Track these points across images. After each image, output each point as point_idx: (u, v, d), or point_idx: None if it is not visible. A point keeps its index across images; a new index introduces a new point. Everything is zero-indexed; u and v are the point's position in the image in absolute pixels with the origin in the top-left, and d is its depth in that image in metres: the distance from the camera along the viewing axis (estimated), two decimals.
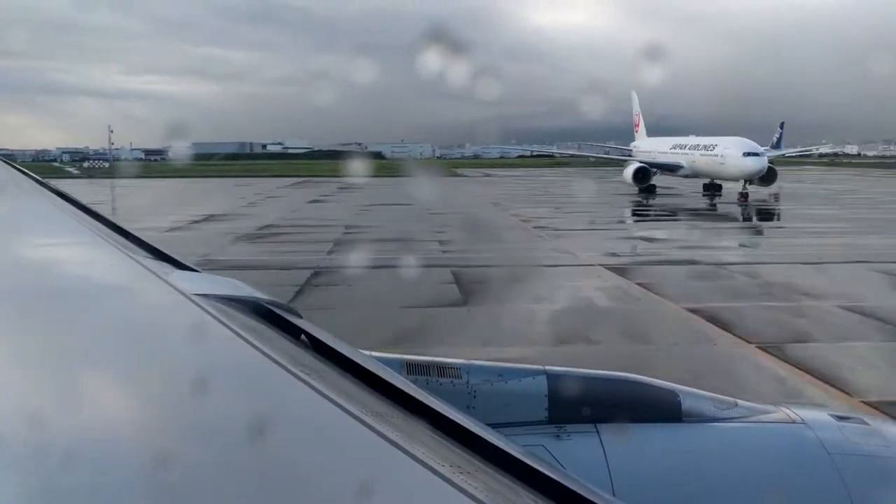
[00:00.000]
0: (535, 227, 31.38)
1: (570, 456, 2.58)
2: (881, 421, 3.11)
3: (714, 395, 3.04)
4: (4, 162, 6.47)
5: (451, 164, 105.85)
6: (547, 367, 2.92)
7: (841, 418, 2.99)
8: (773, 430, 2.92)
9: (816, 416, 3.01)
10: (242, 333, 1.63)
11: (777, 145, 70.88)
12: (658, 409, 2.85)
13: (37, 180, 5.12)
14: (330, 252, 23.77)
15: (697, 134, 51.08)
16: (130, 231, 3.20)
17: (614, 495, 2.36)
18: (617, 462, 2.60)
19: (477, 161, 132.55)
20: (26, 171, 5.75)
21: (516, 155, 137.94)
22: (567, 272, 20.41)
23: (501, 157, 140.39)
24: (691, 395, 2.93)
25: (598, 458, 2.62)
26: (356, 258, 21.20)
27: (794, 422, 2.91)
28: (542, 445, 2.64)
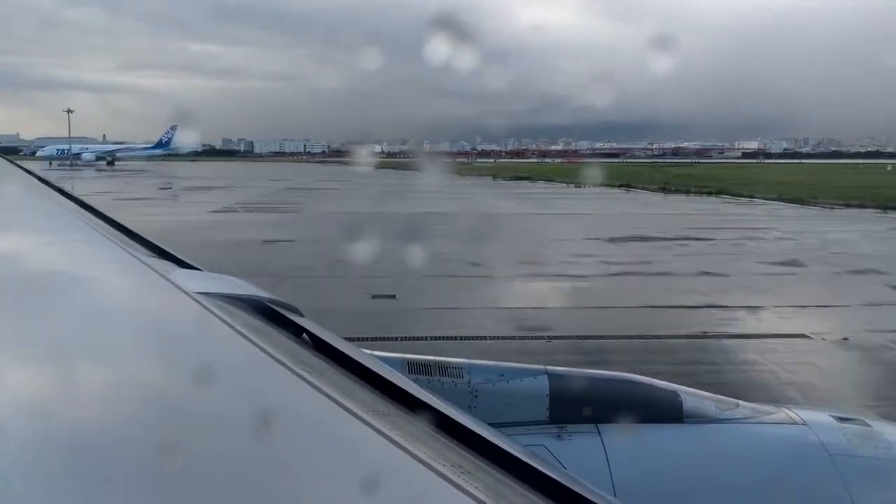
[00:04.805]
0: None
1: (572, 456, 2.58)
2: (882, 423, 3.11)
3: (715, 395, 3.04)
4: (6, 160, 6.48)
5: None
6: (548, 367, 2.92)
7: (842, 420, 2.99)
8: (774, 432, 2.92)
9: (818, 417, 3.01)
10: (244, 332, 1.63)
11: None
12: (659, 409, 2.85)
13: (38, 178, 5.12)
14: None
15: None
16: (133, 229, 3.20)
17: (615, 496, 2.35)
18: (618, 463, 2.60)
19: None
20: (28, 168, 5.75)
21: None
22: None
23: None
24: (693, 396, 2.93)
25: (599, 459, 2.62)
26: None
27: (795, 423, 2.91)
28: (543, 445, 2.64)
